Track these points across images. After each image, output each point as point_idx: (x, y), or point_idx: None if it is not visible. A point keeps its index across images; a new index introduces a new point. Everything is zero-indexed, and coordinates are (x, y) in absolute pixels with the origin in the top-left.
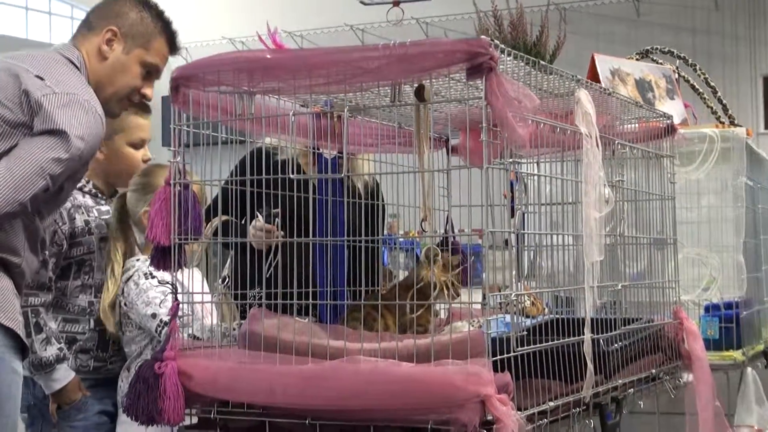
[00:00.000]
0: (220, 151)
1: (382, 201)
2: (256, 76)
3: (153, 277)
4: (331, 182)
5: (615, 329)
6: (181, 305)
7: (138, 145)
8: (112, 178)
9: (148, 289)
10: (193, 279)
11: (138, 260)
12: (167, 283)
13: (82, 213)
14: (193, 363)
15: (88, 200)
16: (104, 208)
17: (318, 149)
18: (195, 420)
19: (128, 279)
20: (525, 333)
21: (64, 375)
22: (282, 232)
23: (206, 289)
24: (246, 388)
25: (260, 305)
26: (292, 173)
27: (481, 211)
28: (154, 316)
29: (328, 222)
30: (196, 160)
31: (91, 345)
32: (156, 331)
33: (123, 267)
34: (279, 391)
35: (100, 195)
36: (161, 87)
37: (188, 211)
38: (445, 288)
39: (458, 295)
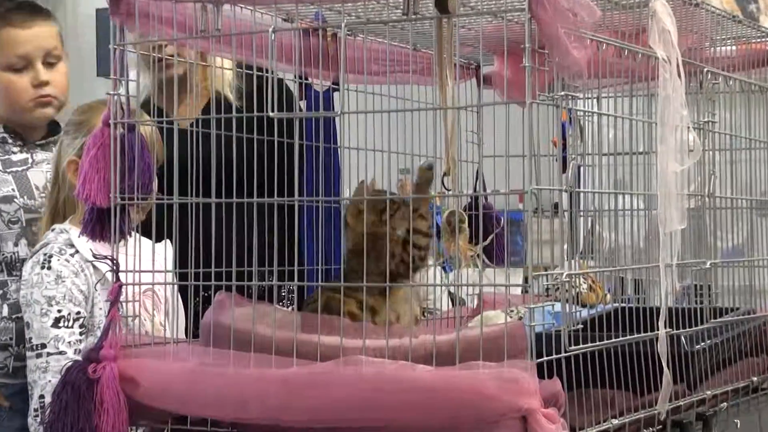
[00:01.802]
0: (177, 82)
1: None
2: None
3: (50, 268)
4: (324, 123)
5: (702, 323)
6: (124, 288)
7: (20, 66)
8: (7, 117)
9: (34, 285)
10: (141, 252)
11: (55, 231)
12: (66, 279)
13: None
14: (140, 365)
15: None
16: (17, 157)
17: (306, 79)
18: None
19: (30, 259)
20: (580, 327)
21: None
22: None
23: (160, 265)
24: (210, 398)
25: (228, 288)
26: (272, 110)
27: (522, 164)
28: (28, 326)
29: (320, 177)
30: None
31: (6, 339)
32: (29, 356)
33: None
34: (254, 402)
35: (10, 140)
36: None
37: (134, 160)
38: (472, 264)
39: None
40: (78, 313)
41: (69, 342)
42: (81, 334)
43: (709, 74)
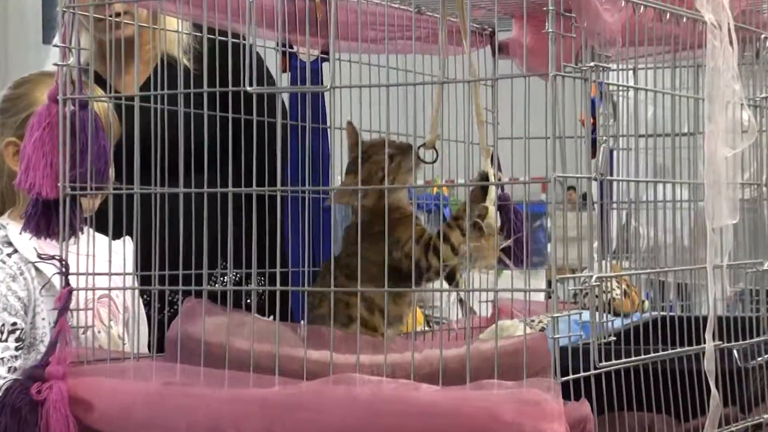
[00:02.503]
0: (138, 51)
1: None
2: None
3: None
4: (312, 99)
5: (757, 335)
6: (75, 294)
7: None
8: None
9: None
10: (95, 251)
11: None
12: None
13: None
14: (94, 384)
15: None
16: None
17: (290, 47)
18: None
19: None
20: (613, 339)
21: None
22: None
23: (118, 267)
24: (178, 424)
25: (199, 294)
26: (250, 84)
27: (544, 147)
28: None
29: (306, 163)
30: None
31: None
32: None
33: None
34: (229, 428)
35: None
36: None
37: (87, 143)
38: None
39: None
40: (14, 324)
41: (1, 359)
42: (17, 349)
43: (767, 42)
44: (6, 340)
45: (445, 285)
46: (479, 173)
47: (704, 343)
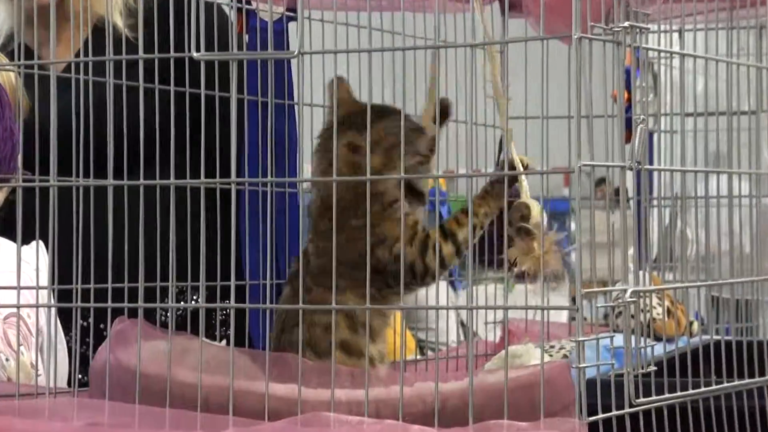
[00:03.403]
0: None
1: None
2: None
3: None
4: (275, 68)
5: None
6: None
7: None
8: None
9: None
10: None
11: None
12: None
13: None
14: (1, 425)
15: None
16: None
17: (248, 3)
18: None
19: None
20: (653, 370)
21: None
22: None
23: (29, 279)
24: None
25: (133, 313)
26: (197, 49)
27: (566, 129)
28: None
29: (268, 149)
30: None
31: None
32: None
33: None
34: None
35: None
36: None
37: None
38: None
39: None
40: None
41: None
42: None
43: None
44: None
45: (442, 301)
46: (501, 161)
47: None
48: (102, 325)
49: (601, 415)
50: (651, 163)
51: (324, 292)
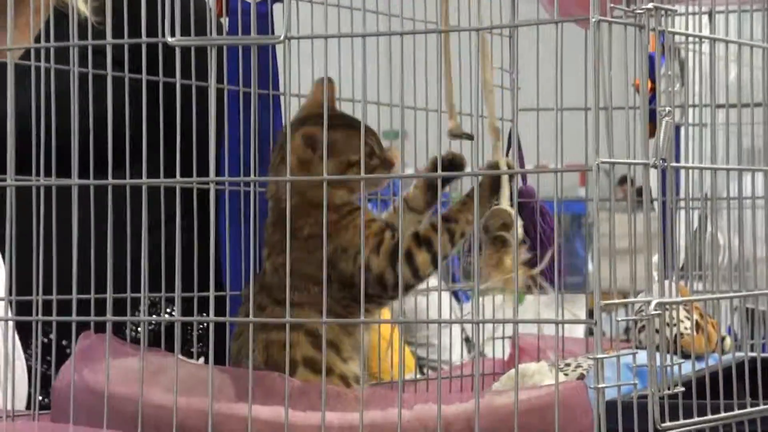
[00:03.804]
0: None
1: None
2: None
3: None
4: (259, 55)
5: None
6: None
7: None
8: None
9: None
10: None
11: None
12: None
13: None
14: None
15: None
16: None
17: None
18: None
19: None
20: (680, 391)
21: None
22: None
23: None
24: None
25: (100, 327)
26: (172, 34)
27: (583, 122)
28: None
29: (252, 144)
30: None
31: None
32: None
33: None
34: None
35: None
36: None
37: None
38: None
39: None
40: None
41: None
42: None
43: None
44: None
45: (445, 313)
46: (487, 164)
47: None
48: (65, 342)
49: None
50: (678, 160)
51: (280, 309)
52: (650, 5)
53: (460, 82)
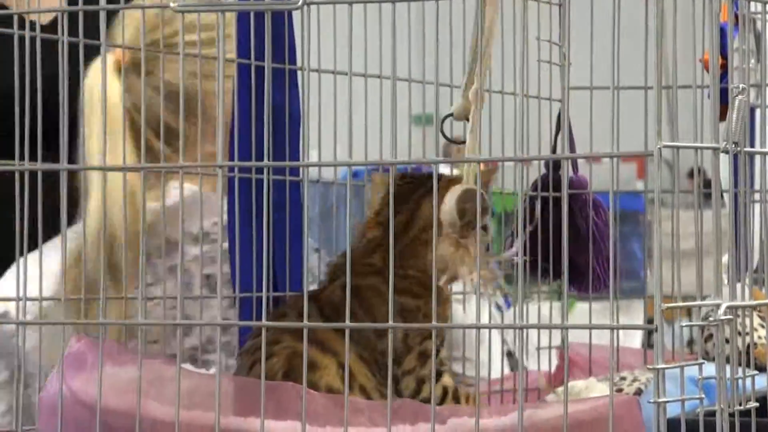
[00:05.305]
0: None
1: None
2: None
3: None
4: (273, 24)
5: None
6: None
7: None
8: None
9: None
10: None
11: None
12: None
13: None
14: None
15: None
16: None
17: None
18: None
19: None
20: (754, 407)
21: None
22: None
23: None
24: None
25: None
26: None
27: (643, 102)
28: None
29: (266, 127)
30: None
31: None
32: None
33: None
34: None
35: None
36: None
37: None
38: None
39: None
40: None
41: None
42: None
43: None
44: None
45: (484, 318)
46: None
47: None
48: None
49: None
50: (752, 145)
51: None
52: None
53: (502, 56)
